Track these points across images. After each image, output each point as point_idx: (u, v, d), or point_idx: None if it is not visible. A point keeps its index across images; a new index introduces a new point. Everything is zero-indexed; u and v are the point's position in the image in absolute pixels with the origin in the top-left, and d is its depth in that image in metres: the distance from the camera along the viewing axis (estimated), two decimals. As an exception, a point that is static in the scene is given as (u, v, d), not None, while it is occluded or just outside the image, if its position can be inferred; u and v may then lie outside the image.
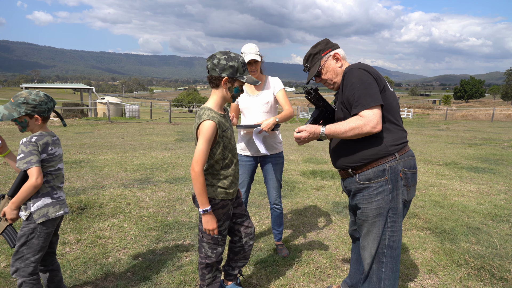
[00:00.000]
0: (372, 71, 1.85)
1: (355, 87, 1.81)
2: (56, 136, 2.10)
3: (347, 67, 1.91)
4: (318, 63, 2.00)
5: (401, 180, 1.86)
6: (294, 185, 5.57)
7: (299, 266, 2.91)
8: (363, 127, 1.76)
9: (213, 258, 2.15)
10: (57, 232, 2.19)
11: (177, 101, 52.58)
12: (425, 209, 4.44)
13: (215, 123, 1.91)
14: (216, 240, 2.12)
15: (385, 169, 1.84)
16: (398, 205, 1.87)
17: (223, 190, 2.06)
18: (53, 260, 2.20)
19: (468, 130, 17.96)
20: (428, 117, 32.11)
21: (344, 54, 2.05)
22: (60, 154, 2.09)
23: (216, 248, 2.14)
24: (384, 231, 1.88)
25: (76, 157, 7.53)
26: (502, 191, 5.38)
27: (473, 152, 9.49)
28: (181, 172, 6.40)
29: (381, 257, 1.90)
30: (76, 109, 21.73)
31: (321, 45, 2.03)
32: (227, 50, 1.98)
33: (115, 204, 4.33)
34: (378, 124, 1.76)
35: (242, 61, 1.96)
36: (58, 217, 2.04)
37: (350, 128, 1.78)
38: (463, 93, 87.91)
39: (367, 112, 1.76)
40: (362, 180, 1.90)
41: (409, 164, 1.89)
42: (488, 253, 3.14)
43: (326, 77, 2.03)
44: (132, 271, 2.75)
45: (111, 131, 14.68)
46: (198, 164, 1.89)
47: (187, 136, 13.06)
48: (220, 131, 1.96)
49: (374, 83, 1.81)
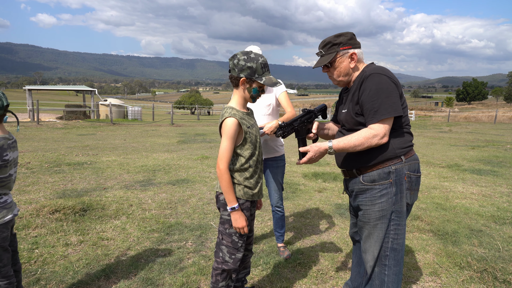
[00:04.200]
0: (393, 77, 1.81)
1: (375, 94, 1.76)
2: (13, 137, 1.93)
3: (369, 71, 1.84)
4: (333, 55, 1.91)
5: (405, 183, 1.84)
6: (296, 187, 5.57)
7: (301, 268, 2.91)
8: (372, 140, 1.76)
9: (231, 264, 2.04)
10: (12, 231, 2.07)
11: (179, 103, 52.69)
12: (428, 211, 4.43)
13: (237, 120, 1.90)
14: (236, 244, 2.03)
15: (390, 172, 1.82)
16: (402, 208, 1.86)
17: (248, 190, 2.01)
18: (16, 259, 2.11)
19: (470, 132, 17.90)
20: (430, 119, 32.05)
21: (361, 57, 1.97)
22: (15, 158, 1.92)
23: (235, 254, 2.04)
24: (387, 233, 1.86)
25: (78, 159, 7.55)
26: (505, 193, 5.37)
27: (475, 154, 9.46)
28: (183, 174, 6.41)
29: (384, 260, 1.88)
30: (79, 111, 21.79)
31: (344, 37, 1.91)
32: (249, 50, 1.95)
33: (118, 206, 4.34)
34: (386, 136, 1.77)
35: (262, 62, 1.92)
36: (9, 220, 1.93)
37: (360, 143, 1.77)
38: (465, 95, 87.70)
39: (377, 125, 1.76)
40: (366, 181, 1.88)
41: (414, 168, 1.89)
42: (490, 256, 3.13)
43: (335, 72, 1.96)
44: (135, 273, 2.76)
45: (114, 133, 14.72)
46: (222, 162, 1.89)
47: (189, 138, 13.08)
48: (245, 127, 1.94)
49: (395, 91, 1.78)
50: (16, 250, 2.12)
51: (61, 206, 3.92)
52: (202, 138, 13.36)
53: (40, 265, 2.82)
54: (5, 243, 1.92)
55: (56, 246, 3.17)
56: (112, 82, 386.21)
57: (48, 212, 3.83)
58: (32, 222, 3.62)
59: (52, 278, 2.64)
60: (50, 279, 2.61)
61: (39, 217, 3.76)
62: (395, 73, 2.66)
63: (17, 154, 1.95)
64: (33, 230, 3.48)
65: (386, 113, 1.74)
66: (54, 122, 17.99)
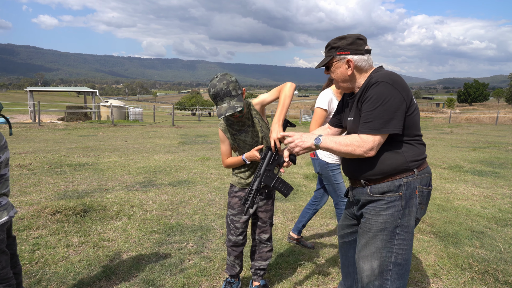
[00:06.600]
0: (400, 87, 1.67)
1: (373, 104, 1.66)
2: (3, 138, 1.91)
3: (376, 77, 1.71)
4: (329, 59, 1.83)
5: (416, 198, 1.75)
6: (297, 188, 5.57)
7: (302, 270, 2.91)
8: (357, 150, 1.67)
9: (227, 241, 2.48)
10: (11, 234, 2.08)
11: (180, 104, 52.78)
12: (429, 212, 4.42)
13: (221, 129, 2.32)
14: (228, 226, 2.46)
15: (401, 185, 1.72)
16: (409, 223, 1.75)
17: (242, 180, 2.38)
18: (15, 261, 2.11)
19: (472, 133, 17.88)
20: (431, 120, 32.01)
21: (363, 64, 1.79)
22: (7, 159, 1.91)
23: (229, 234, 2.46)
24: (390, 248, 1.75)
25: (79, 160, 7.56)
26: (506, 194, 5.35)
27: (477, 155, 9.45)
28: (184, 175, 6.42)
29: (386, 274, 1.77)
30: (80, 112, 21.83)
31: (343, 41, 1.78)
32: (216, 77, 2.08)
33: (119, 207, 4.35)
34: (372, 150, 1.67)
35: (212, 94, 2.06)
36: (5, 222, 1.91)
37: (345, 151, 1.69)
38: (466, 96, 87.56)
39: (366, 137, 1.67)
40: (374, 193, 1.77)
41: (426, 181, 1.79)
42: (492, 257, 3.12)
43: (333, 76, 1.87)
44: (136, 274, 2.76)
45: (115, 134, 14.74)
46: (223, 162, 2.40)
47: (190, 139, 13.09)
48: (229, 135, 2.31)
49: (397, 105, 1.65)
50: (15, 253, 2.11)
51: (62, 207, 3.93)
52: (203, 139, 13.36)
53: (41, 266, 2.82)
54: (2, 245, 1.91)
55: (57, 247, 3.17)
56: (113, 83, 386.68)
57: (49, 213, 3.83)
58: (33, 223, 3.62)
59: (53, 279, 2.64)
60: (51, 280, 2.62)
61: (40, 218, 3.76)
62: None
63: (8, 154, 1.94)
64: (34, 231, 3.49)
65: (376, 129, 1.65)
66: (55, 123, 18.02)
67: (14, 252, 2.10)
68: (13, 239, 2.10)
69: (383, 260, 1.76)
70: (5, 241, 1.94)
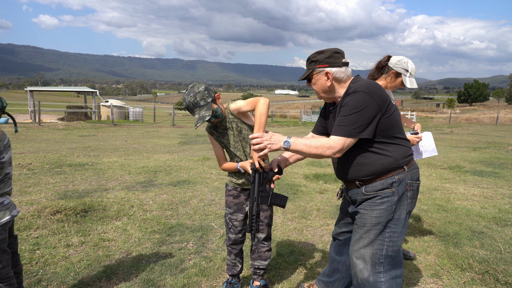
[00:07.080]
0: (376, 95, 1.77)
1: (348, 110, 1.77)
2: (6, 137, 1.93)
3: (354, 87, 1.82)
4: (309, 72, 1.95)
5: (407, 192, 1.87)
6: (297, 189, 5.57)
7: (302, 269, 2.91)
8: (326, 151, 1.77)
9: (226, 240, 2.54)
10: (13, 233, 2.09)
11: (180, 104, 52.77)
12: (429, 212, 4.43)
13: (208, 132, 2.42)
14: (227, 224, 2.51)
15: (394, 182, 1.84)
16: (400, 215, 1.87)
17: (234, 179, 2.43)
18: (16, 261, 2.11)
19: (472, 133, 17.88)
20: (431, 120, 32.01)
21: (341, 76, 1.89)
22: (10, 158, 1.93)
23: (228, 233, 2.51)
24: (381, 241, 1.86)
25: (80, 160, 7.57)
26: (506, 195, 5.35)
27: (477, 155, 9.45)
28: (184, 175, 6.42)
29: (379, 267, 1.87)
30: (80, 112, 21.83)
31: (322, 55, 1.90)
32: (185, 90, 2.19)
33: (119, 207, 4.35)
34: (340, 152, 1.78)
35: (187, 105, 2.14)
36: (7, 222, 1.92)
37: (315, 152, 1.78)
38: (467, 96, 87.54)
39: (339, 139, 1.77)
40: (369, 191, 1.89)
41: (415, 176, 1.92)
42: (492, 258, 3.12)
43: (314, 87, 1.99)
44: (136, 274, 2.76)
45: (115, 134, 14.74)
46: (219, 166, 2.45)
47: (190, 139, 13.09)
48: (215, 137, 2.39)
49: (372, 111, 1.75)
50: (16, 252, 2.12)
51: (62, 207, 3.93)
52: (203, 139, 13.36)
53: (42, 266, 2.82)
54: (3, 244, 1.92)
55: (58, 247, 3.17)
56: (113, 83, 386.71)
57: (49, 213, 3.83)
58: (33, 223, 3.62)
59: (53, 279, 2.64)
60: (51, 280, 2.62)
61: (40, 218, 3.76)
62: (396, 74, 2.64)
63: (11, 153, 1.96)
64: (34, 231, 3.49)
65: (348, 133, 1.75)
66: (55, 123, 18.02)
67: (15, 251, 2.10)
68: (15, 238, 2.11)
69: (374, 252, 1.87)
70: (7, 240, 1.95)
